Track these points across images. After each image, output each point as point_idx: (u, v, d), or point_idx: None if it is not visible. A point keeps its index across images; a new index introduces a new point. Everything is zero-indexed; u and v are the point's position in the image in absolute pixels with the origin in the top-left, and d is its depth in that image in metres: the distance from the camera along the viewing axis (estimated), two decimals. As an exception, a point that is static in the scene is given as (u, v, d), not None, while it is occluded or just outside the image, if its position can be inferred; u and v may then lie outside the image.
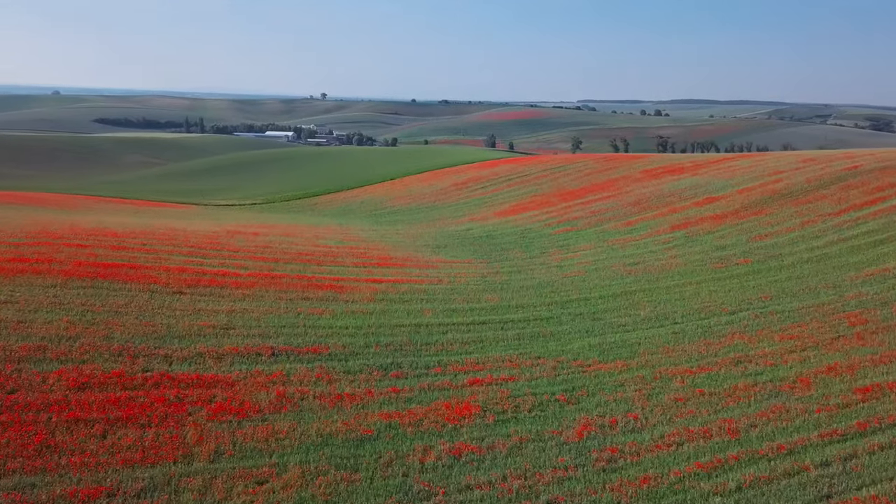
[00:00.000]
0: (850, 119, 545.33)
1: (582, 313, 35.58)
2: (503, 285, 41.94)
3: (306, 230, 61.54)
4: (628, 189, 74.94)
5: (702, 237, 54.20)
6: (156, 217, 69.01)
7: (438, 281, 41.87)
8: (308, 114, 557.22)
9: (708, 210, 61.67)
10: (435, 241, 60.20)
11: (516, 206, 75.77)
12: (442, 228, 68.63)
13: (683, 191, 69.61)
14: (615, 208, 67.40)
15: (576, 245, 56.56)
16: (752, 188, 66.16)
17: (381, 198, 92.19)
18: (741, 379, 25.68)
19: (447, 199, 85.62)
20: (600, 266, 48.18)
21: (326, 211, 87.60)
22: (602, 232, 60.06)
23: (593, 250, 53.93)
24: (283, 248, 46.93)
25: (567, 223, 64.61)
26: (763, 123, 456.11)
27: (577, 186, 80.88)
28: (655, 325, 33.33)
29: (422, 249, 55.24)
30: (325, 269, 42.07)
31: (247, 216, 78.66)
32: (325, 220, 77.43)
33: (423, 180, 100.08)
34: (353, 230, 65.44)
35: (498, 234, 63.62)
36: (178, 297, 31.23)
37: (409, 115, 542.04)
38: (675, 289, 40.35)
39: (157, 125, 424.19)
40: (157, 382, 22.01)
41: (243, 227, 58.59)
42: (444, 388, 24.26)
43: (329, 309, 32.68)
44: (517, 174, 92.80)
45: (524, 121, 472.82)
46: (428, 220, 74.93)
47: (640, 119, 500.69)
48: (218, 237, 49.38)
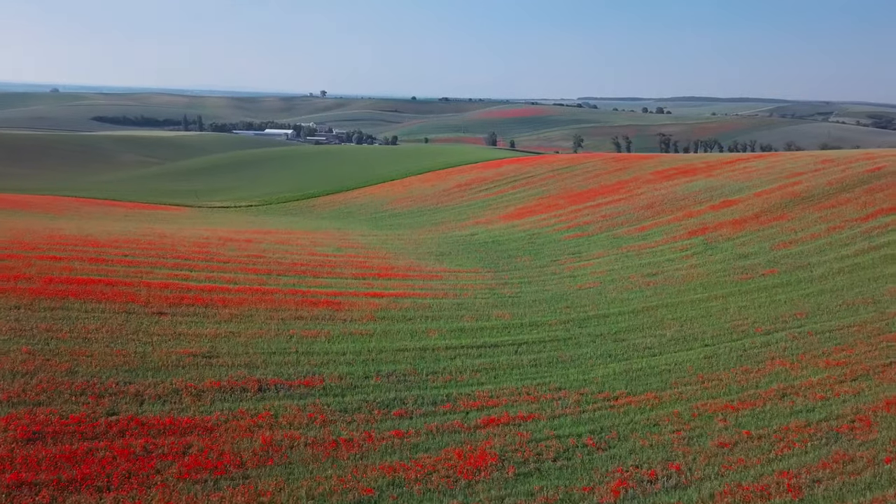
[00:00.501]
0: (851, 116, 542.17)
1: (602, 333, 32.51)
2: (514, 299, 38.88)
3: (303, 236, 58.46)
4: (639, 191, 71.84)
5: (722, 244, 51.12)
6: (145, 221, 65.93)
7: (444, 294, 38.82)
8: (307, 111, 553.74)
9: (726, 214, 58.58)
10: (438, 248, 57.13)
11: (522, 209, 72.69)
12: (445, 233, 65.55)
13: (698, 193, 66.51)
14: (627, 212, 64.31)
15: (588, 252, 53.48)
16: (770, 191, 63.07)
17: (381, 199, 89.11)
18: (791, 417, 22.63)
19: (450, 201, 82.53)
20: (616, 276, 45.10)
21: (325, 213, 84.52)
22: (615, 238, 56.98)
23: (607, 258, 50.85)
24: (277, 258, 43.85)
25: (577, 228, 61.52)
26: (765, 121, 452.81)
27: (585, 188, 77.78)
28: (684, 348, 30.27)
29: (425, 257, 52.19)
30: (322, 281, 39.00)
31: (242, 220, 75.59)
32: (323, 223, 74.35)
33: (425, 181, 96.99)
34: (353, 235, 62.36)
35: (504, 239, 60.55)
36: (158, 318, 28.16)
37: (410, 113, 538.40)
38: (700, 303, 37.29)
39: (156, 123, 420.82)
40: (122, 430, 18.95)
41: (236, 234, 55.51)
42: (455, 431, 21.21)
43: (325, 330, 29.62)
44: (522, 175, 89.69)
45: (525, 119, 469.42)
46: (430, 223, 71.85)
47: (642, 117, 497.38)
48: (208, 245, 46.31)
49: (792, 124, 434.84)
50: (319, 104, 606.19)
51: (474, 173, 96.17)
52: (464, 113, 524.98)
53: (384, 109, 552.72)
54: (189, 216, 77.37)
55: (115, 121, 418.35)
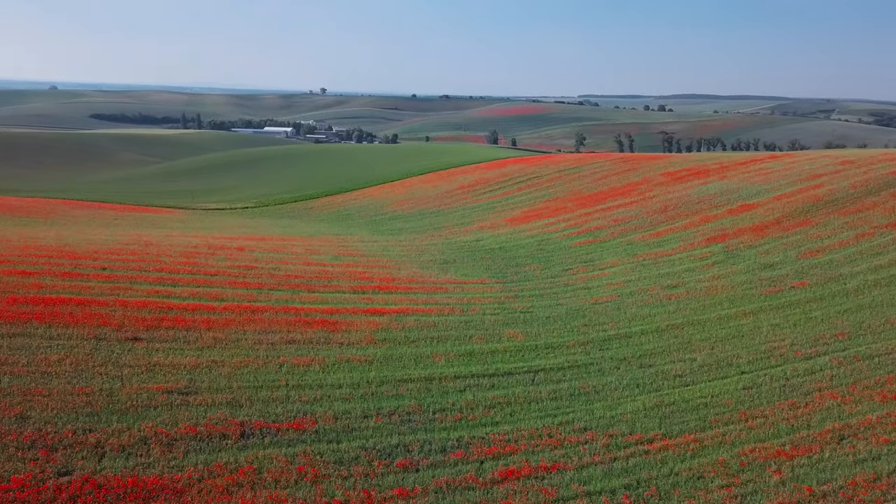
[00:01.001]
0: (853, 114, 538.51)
1: (626, 357, 29.47)
2: (525, 315, 35.84)
3: (298, 243, 55.39)
4: (651, 194, 68.75)
5: (743, 252, 48.04)
6: (133, 226, 62.91)
7: (450, 310, 35.78)
8: (307, 109, 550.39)
9: (745, 219, 55.50)
10: (442, 255, 54.06)
11: (529, 213, 69.60)
12: (449, 238, 62.47)
13: (713, 197, 63.42)
14: (640, 216, 61.23)
15: (601, 260, 50.40)
16: (790, 194, 59.99)
17: (381, 201, 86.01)
18: (856, 468, 19.59)
19: (453, 203, 79.45)
20: (634, 289, 42.04)
21: (323, 216, 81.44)
22: (628, 244, 53.89)
23: (622, 267, 47.78)
24: (270, 269, 40.78)
25: (588, 233, 58.44)
26: (768, 119, 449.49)
27: (593, 190, 74.67)
28: (719, 376, 27.23)
29: (428, 266, 49.12)
30: (318, 296, 35.96)
31: (236, 223, 72.53)
32: (320, 227, 71.27)
33: (427, 182, 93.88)
34: (352, 242, 59.29)
35: (512, 245, 57.47)
36: (132, 345, 25.13)
37: (410, 111, 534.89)
38: (728, 321, 34.24)
39: (154, 121, 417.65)
40: (74, 495, 15.91)
41: (228, 240, 52.45)
42: (469, 488, 18.17)
43: (319, 356, 26.59)
44: (528, 176, 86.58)
45: (526, 116, 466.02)
46: (433, 227, 68.77)
47: (644, 114, 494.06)
48: (196, 254, 43.25)
49: (795, 122, 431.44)
50: (319, 102, 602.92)
51: (477, 174, 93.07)
52: (464, 111, 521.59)
53: (384, 107, 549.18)
54: (182, 220, 74.31)
55: (113, 118, 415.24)
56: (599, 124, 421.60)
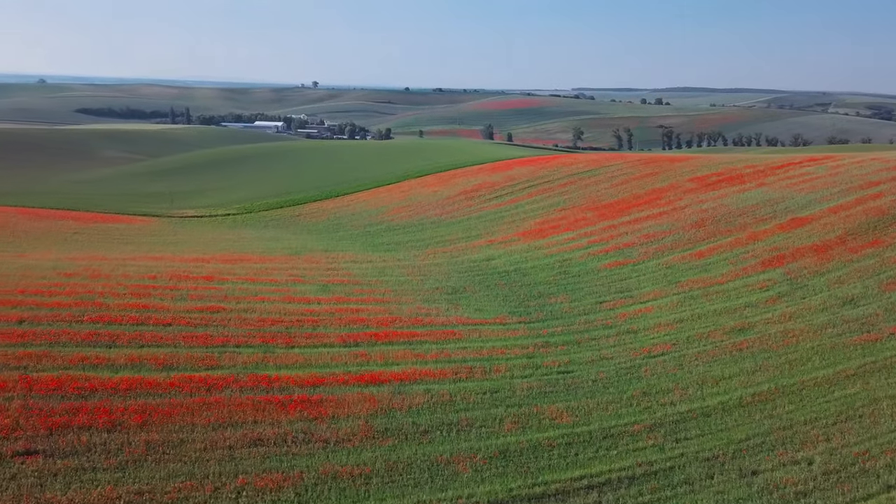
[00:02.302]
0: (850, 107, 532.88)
1: (715, 456, 21.63)
2: (566, 378, 27.97)
3: (281, 265, 47.33)
4: (681, 203, 60.93)
5: (811, 281, 40.27)
6: (92, 244, 54.75)
7: (468, 371, 27.87)
8: (299, 103, 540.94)
9: (801, 237, 47.74)
10: (449, 280, 46.09)
11: (544, 224, 61.68)
12: (454, 256, 54.49)
13: (756, 208, 55.63)
14: (674, 231, 53.40)
15: (639, 290, 42.53)
16: (847, 206, 52.28)
17: (376, 208, 77.97)
18: None
19: (456, 211, 71.46)
20: (691, 332, 34.23)
21: (311, 225, 73.34)
22: (667, 268, 46.03)
23: (667, 300, 39.92)
24: (242, 311, 32.75)
25: (616, 252, 50.56)
26: (768, 113, 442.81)
27: (613, 198, 66.80)
28: (859, 495, 19.43)
29: (434, 297, 41.16)
30: (298, 355, 27.98)
31: (213, 236, 64.37)
32: (308, 240, 63.17)
33: (426, 185, 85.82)
34: (343, 261, 51.24)
35: (529, 267, 49.56)
36: (18, 468, 17.10)
37: (403, 105, 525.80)
38: (831, 390, 26.43)
39: (142, 115, 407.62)
40: None
41: (197, 264, 44.36)
42: None
43: (295, 471, 18.65)
44: (537, 180, 78.65)
45: (522, 110, 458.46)
46: (435, 241, 60.77)
47: (641, 108, 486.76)
48: (152, 291, 35.17)
49: (795, 116, 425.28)
50: (311, 95, 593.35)
51: (481, 177, 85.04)
52: (458, 104, 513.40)
53: (377, 101, 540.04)
54: (153, 232, 66.15)
55: (99, 113, 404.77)
56: (596, 118, 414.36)
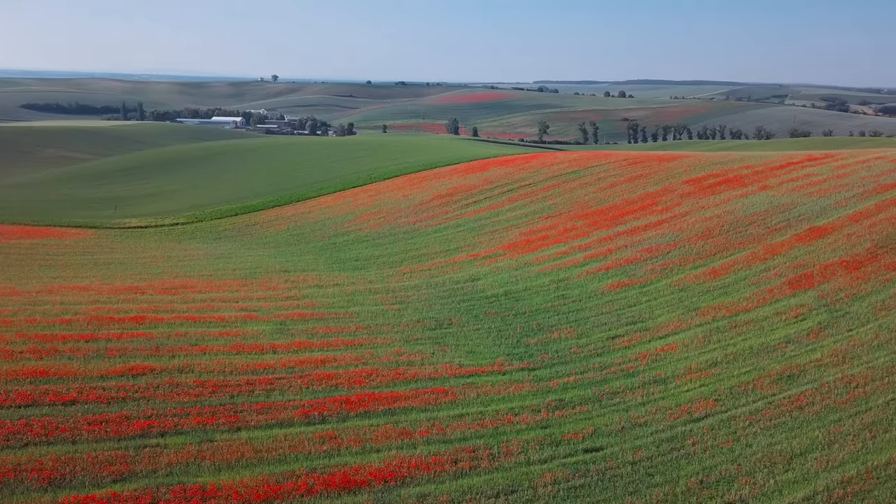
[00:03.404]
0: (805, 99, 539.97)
1: None
2: (597, 460, 21.67)
3: (232, 294, 40.18)
4: (680, 209, 55.23)
5: (851, 307, 34.68)
6: (7, 268, 46.78)
7: (471, 457, 21.41)
8: (258, 97, 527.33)
9: (825, 250, 42.24)
10: (431, 309, 39.47)
11: (530, 235, 55.41)
12: (434, 276, 47.86)
13: (765, 215, 50.14)
14: (679, 243, 47.59)
15: (653, 319, 36.50)
16: (867, 213, 47.04)
17: (342, 215, 70.88)
18: None
19: (431, 218, 64.81)
20: (731, 380, 28.22)
21: (269, 236, 65.97)
22: (681, 290, 40.09)
23: (690, 333, 33.94)
24: (175, 370, 25.70)
25: (618, 270, 44.50)
26: (729, 105, 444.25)
27: (604, 203, 60.83)
28: None
29: (416, 335, 34.54)
30: (244, 443, 21.15)
31: (154, 254, 56.70)
32: (265, 256, 55.95)
33: (396, 188, 78.95)
34: (305, 286, 44.24)
35: (521, 289, 43.20)
36: None
37: (365, 98, 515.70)
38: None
39: (93, 111, 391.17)
40: None
41: (128, 295, 37.04)
42: None
43: None
44: (516, 182, 72.38)
45: (485, 104, 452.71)
46: (411, 256, 54.05)
47: (605, 101, 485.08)
48: (63, 337, 27.90)
49: (756, 108, 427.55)
50: (271, 89, 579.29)
51: (456, 179, 78.49)
52: (422, 98, 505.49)
53: (339, 94, 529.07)
54: (86, 249, 58.22)
55: (47, 108, 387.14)
56: (561, 111, 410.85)
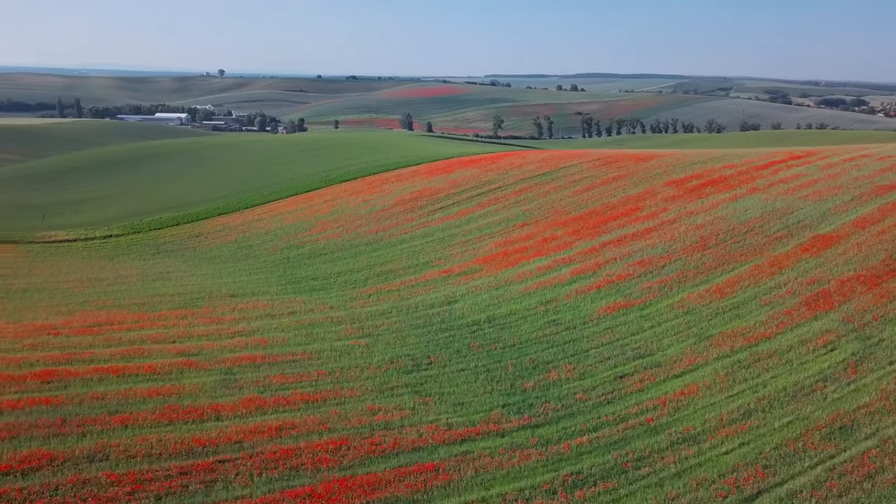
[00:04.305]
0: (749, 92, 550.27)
1: None
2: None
3: (167, 330, 34.07)
4: (667, 215, 50.92)
5: (883, 332, 30.57)
6: None
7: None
8: (204, 92, 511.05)
9: (837, 262, 38.24)
10: (405, 344, 34.06)
11: (507, 246, 50.36)
12: (405, 299, 42.37)
13: (762, 222, 46.12)
14: (673, 255, 43.15)
15: (662, 351, 31.83)
16: (872, 218, 43.37)
17: (296, 224, 64.76)
18: None
19: (395, 227, 59.25)
20: (775, 438, 23.63)
21: (215, 250, 59.49)
22: (686, 313, 35.52)
23: (711, 370, 29.31)
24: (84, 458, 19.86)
25: (611, 288, 39.77)
26: (679, 98, 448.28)
27: (583, 209, 56.21)
28: None
29: (391, 382, 29.13)
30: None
31: (80, 275, 49.82)
32: (209, 277, 49.65)
33: (355, 192, 73.08)
34: (256, 315, 38.31)
35: (505, 314, 38.10)
36: None
37: (316, 93, 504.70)
38: None
39: (26, 108, 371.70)
40: None
41: (39, 338, 30.70)
42: None
43: None
44: (485, 185, 67.31)
45: (439, 98, 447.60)
46: (376, 273, 48.44)
47: (557, 94, 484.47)
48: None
49: (704, 101, 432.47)
50: (217, 84, 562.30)
51: (419, 181, 73.00)
52: (374, 92, 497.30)
53: (288, 89, 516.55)
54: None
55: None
56: (515, 106, 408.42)
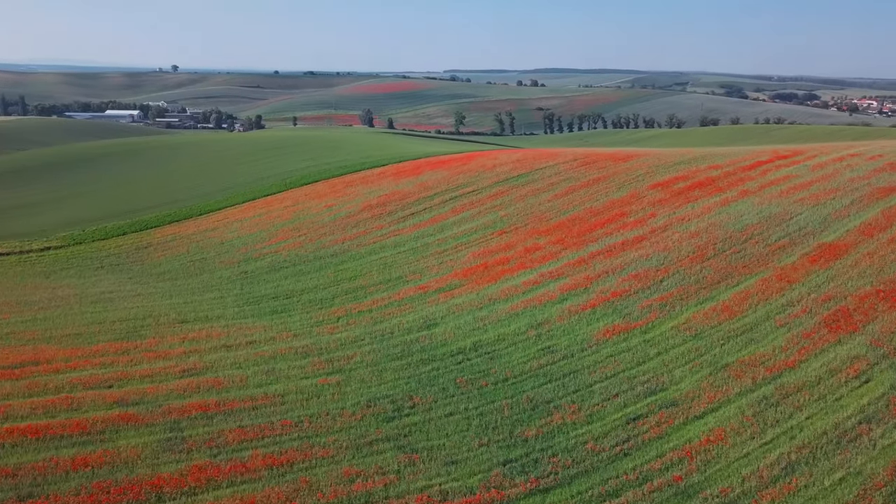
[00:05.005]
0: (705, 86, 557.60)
1: None
2: None
3: (104, 370, 29.25)
4: (657, 222, 47.50)
5: (918, 358, 27.40)
6: None
7: None
8: (157, 88, 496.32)
9: (849, 276, 35.17)
10: (381, 382, 29.82)
11: (486, 256, 46.34)
12: (378, 322, 38.03)
13: (760, 229, 42.95)
14: (670, 267, 39.65)
15: (675, 385, 28.18)
16: (879, 225, 40.56)
17: (254, 232, 59.82)
18: None
19: (363, 236, 54.79)
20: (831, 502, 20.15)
21: (165, 263, 54.30)
22: (693, 336, 31.96)
23: (734, 410, 25.73)
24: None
25: (607, 307, 36.06)
26: (638, 93, 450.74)
27: (565, 215, 52.52)
28: None
29: (368, 434, 24.92)
30: None
31: (5, 301, 44.30)
32: (157, 297, 44.60)
33: (318, 196, 68.30)
34: (209, 348, 33.61)
35: (493, 339, 34.09)
36: None
37: (273, 89, 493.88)
38: None
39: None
40: None
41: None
42: None
43: None
44: (458, 189, 63.23)
45: (399, 93, 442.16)
46: (344, 290, 43.97)
47: (517, 90, 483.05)
48: None
49: (663, 96, 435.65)
50: (171, 80, 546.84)
51: (386, 184, 68.55)
52: (332, 88, 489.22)
53: (245, 85, 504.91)
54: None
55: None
56: (475, 101, 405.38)
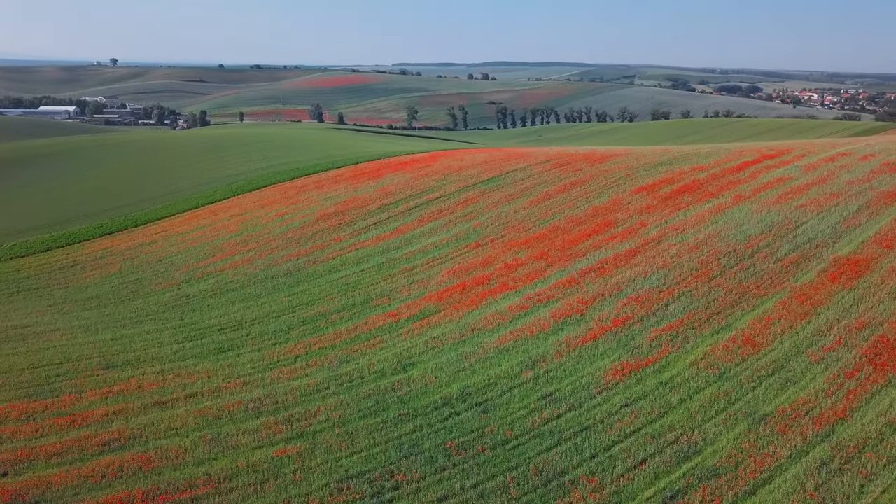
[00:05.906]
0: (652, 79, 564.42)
1: None
2: None
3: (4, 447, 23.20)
4: (648, 232, 43.00)
5: None
6: None
7: None
8: (95, 83, 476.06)
9: (878, 296, 31.20)
10: (355, 454, 24.42)
11: (463, 275, 41.13)
12: (344, 364, 32.46)
13: (765, 240, 38.80)
14: (672, 286, 35.09)
15: (707, 445, 23.51)
16: (894, 234, 36.77)
17: (196, 247, 53.40)
18: None
19: (320, 250, 48.97)
20: None
21: (92, 287, 47.57)
22: (718, 377, 27.42)
23: (791, 483, 21.10)
24: None
25: (611, 339, 31.27)
26: (588, 87, 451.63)
27: (546, 224, 47.66)
28: None
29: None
30: None
31: None
32: (78, 331, 38.11)
33: (267, 203, 62.04)
34: (138, 407, 27.62)
35: (484, 386, 28.93)
36: None
37: (218, 83, 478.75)
38: None
39: None
40: None
41: None
42: None
43: None
44: (423, 194, 57.82)
45: (348, 88, 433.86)
46: (299, 318, 38.18)
47: (468, 84, 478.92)
48: None
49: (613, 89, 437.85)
50: (110, 74, 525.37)
51: (343, 189, 62.65)
52: (280, 82, 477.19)
53: (188, 79, 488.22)
54: None
55: None
56: (427, 95, 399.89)
